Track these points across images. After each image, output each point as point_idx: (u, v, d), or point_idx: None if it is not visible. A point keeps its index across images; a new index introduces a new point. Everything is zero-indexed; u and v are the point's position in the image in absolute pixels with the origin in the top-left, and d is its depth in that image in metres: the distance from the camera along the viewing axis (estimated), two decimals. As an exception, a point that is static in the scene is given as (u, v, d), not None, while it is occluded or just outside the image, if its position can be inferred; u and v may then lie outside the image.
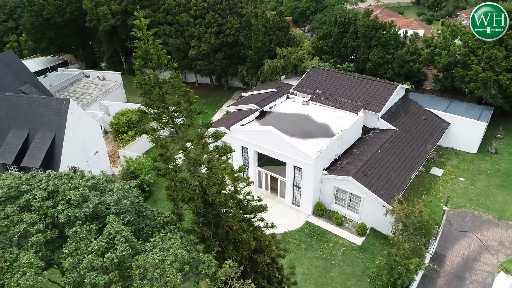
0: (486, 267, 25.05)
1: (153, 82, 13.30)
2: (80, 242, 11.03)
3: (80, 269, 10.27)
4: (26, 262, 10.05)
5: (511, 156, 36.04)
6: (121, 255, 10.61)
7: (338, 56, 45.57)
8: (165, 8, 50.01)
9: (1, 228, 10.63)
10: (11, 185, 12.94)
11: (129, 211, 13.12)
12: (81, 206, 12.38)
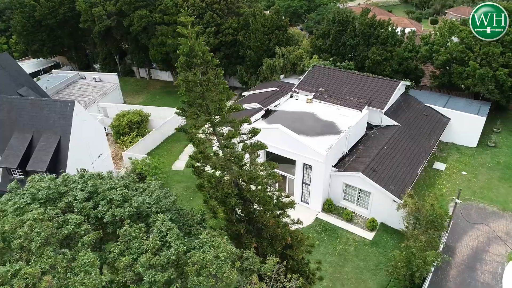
0: (495, 258, 25.71)
1: (198, 79, 13.27)
2: (133, 241, 10.96)
3: (137, 267, 10.22)
4: (87, 262, 9.95)
5: (509, 149, 37.02)
6: (177, 253, 10.61)
7: (337, 55, 46.01)
8: (162, 8, 49.71)
9: (51, 230, 10.48)
10: (50, 187, 12.77)
11: (169, 210, 13.09)
12: (123, 206, 12.30)
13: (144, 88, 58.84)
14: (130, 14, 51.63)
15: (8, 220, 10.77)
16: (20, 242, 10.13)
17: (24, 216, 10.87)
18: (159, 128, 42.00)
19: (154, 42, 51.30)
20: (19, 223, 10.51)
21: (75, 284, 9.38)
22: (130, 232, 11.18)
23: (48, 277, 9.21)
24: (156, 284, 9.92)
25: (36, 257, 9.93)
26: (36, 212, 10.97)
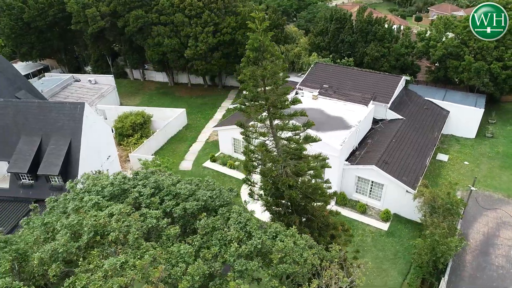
0: (506, 242, 26.89)
1: (268, 73, 13.46)
2: (215, 233, 11.10)
3: (227, 257, 10.37)
4: (184, 252, 10.03)
5: (506, 139, 38.65)
6: (261, 241, 10.83)
7: (335, 52, 46.84)
8: (158, 8, 49.33)
9: (137, 225, 10.47)
10: (113, 184, 12.73)
11: (230, 203, 13.26)
12: (188, 200, 12.39)
13: (139, 89, 58.20)
14: (125, 14, 50.97)
15: (93, 215, 10.74)
16: (116, 235, 10.12)
17: (105, 211, 10.86)
18: (163, 129, 41.73)
19: (151, 43, 50.81)
20: (108, 217, 10.52)
21: (177, 274, 9.47)
22: (209, 224, 11.33)
23: (161, 267, 9.28)
24: (247, 272, 10.14)
25: (133, 249, 9.96)
26: (120, 207, 10.98)
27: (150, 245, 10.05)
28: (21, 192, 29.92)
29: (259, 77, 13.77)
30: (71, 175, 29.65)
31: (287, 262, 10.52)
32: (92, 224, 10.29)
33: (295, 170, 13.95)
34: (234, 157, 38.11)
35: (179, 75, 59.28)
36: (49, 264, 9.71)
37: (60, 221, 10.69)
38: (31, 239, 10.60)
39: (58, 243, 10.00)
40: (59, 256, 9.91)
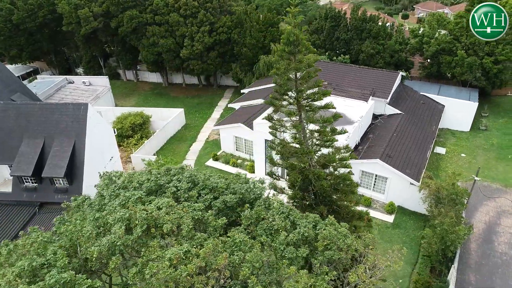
0: (507, 229, 27.86)
1: (303, 66, 13.73)
2: (261, 223, 11.33)
3: (276, 245, 10.61)
4: (240, 241, 10.23)
5: (499, 131, 39.92)
6: (306, 229, 11.12)
7: (331, 49, 47.49)
8: (153, 8, 49.09)
9: (188, 216, 10.59)
10: (150, 179, 12.82)
11: (261, 197, 13.50)
12: (224, 193, 12.60)
13: (134, 90, 57.74)
14: (118, 15, 50.54)
15: (142, 208, 10.83)
16: (170, 227, 10.24)
17: (153, 204, 10.99)
18: (163, 129, 41.59)
19: (145, 43, 50.53)
20: (156, 210, 10.63)
21: (235, 261, 9.66)
22: (253, 215, 11.56)
23: (225, 254, 9.44)
24: (297, 259, 10.41)
25: (186, 240, 10.11)
26: (167, 200, 11.12)
27: (202, 235, 10.25)
28: (25, 196, 29.47)
29: (293, 70, 14.06)
30: (76, 177, 29.41)
31: (332, 249, 10.89)
32: (144, 217, 10.39)
33: (323, 162, 14.30)
34: (236, 156, 38.29)
35: (173, 75, 59.08)
36: (107, 256, 9.81)
37: (112, 215, 10.77)
38: (84, 233, 10.62)
39: (115, 236, 10.09)
40: (117, 248, 10.01)
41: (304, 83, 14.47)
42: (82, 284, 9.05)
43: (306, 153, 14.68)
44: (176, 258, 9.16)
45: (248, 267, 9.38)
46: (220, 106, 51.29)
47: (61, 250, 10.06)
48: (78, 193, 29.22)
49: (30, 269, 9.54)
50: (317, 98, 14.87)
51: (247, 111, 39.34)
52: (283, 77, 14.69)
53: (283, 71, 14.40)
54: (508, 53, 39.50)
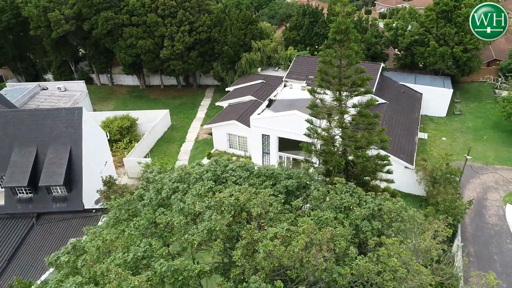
0: (494, 203, 30.24)
1: (353, 53, 14.25)
2: (334, 198, 11.88)
3: (351, 221, 11.15)
4: (326, 218, 10.63)
5: (472, 115, 42.95)
6: (374, 205, 11.77)
7: (310, 45, 48.75)
8: (129, 9, 47.99)
9: (271, 199, 10.88)
10: (210, 170, 12.97)
11: (315, 180, 14.06)
12: (280, 179, 13.04)
13: (110, 94, 56.09)
14: (92, 17, 48.95)
15: (222, 196, 11.01)
16: (260, 211, 10.44)
17: (226, 191, 11.19)
18: (151, 131, 40.92)
19: (123, 45, 49.31)
20: (229, 197, 10.87)
21: (320, 236, 10.09)
22: (320, 195, 12.05)
23: (328, 228, 9.79)
24: (372, 232, 11.04)
25: (274, 222, 10.39)
26: (240, 187, 11.36)
27: (290, 216, 10.61)
28: (19, 208, 28.08)
29: (344, 57, 14.66)
30: (75, 184, 28.41)
31: (397, 221, 11.67)
32: (231, 203, 10.56)
33: (364, 144, 15.07)
34: (229, 153, 38.48)
35: (151, 77, 57.99)
36: (207, 242, 9.91)
37: (199, 204, 10.82)
38: (177, 223, 10.61)
39: (211, 222, 10.18)
40: (214, 233, 10.11)
41: (349, 69, 15.17)
42: (190, 270, 9.14)
43: (350, 137, 15.39)
44: (281, 236, 9.49)
45: (343, 241, 9.94)
46: (203, 105, 51.11)
47: (155, 241, 10.03)
48: (78, 201, 28.32)
49: (134, 261, 9.46)
50: (362, 83, 15.61)
51: (237, 108, 39.62)
52: (333, 63, 15.27)
53: (332, 58, 14.98)
54: (475, 42, 42.53)
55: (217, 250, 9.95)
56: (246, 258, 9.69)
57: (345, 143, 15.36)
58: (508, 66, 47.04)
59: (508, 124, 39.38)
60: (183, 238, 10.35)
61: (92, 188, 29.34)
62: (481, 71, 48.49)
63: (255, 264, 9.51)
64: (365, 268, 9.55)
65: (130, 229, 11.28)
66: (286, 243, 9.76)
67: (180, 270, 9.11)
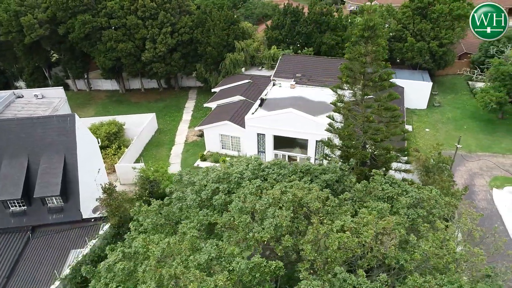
0: (481, 188, 31.97)
1: (381, 48, 14.58)
2: (375, 193, 12.22)
3: (396, 210, 11.55)
4: (380, 209, 10.89)
5: (450, 106, 45.09)
6: (417, 193, 12.28)
7: (292, 43, 49.38)
8: (107, 11, 46.68)
9: (326, 194, 11.02)
10: (249, 170, 12.98)
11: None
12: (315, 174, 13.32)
13: (89, 100, 54.34)
14: (67, 20, 47.27)
15: (275, 193, 11.08)
16: (317, 205, 10.57)
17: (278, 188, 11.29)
18: (140, 136, 40.10)
19: (102, 49, 47.93)
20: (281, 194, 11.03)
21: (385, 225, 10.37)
22: (362, 187, 12.39)
23: (393, 218, 10.04)
24: (419, 219, 11.56)
25: (332, 215, 10.58)
26: (291, 184, 11.48)
27: (348, 208, 10.86)
28: (13, 222, 26.76)
29: (370, 53, 15.04)
30: (71, 194, 27.43)
31: (436, 207, 12.23)
32: (290, 200, 10.64)
33: (388, 136, 15.61)
34: (222, 154, 38.36)
35: (130, 81, 56.66)
36: (275, 237, 9.93)
37: (259, 202, 10.81)
38: (241, 222, 10.54)
39: (276, 219, 10.20)
40: (280, 230, 10.15)
41: (375, 64, 15.61)
42: (266, 267, 9.16)
43: (376, 130, 15.87)
44: (349, 228, 9.72)
45: (402, 228, 10.33)
46: (188, 107, 50.57)
47: (221, 242, 9.95)
48: (76, 211, 27.36)
49: (207, 262, 9.34)
50: (388, 77, 16.09)
51: (227, 109, 39.56)
52: (361, 59, 15.64)
53: (361, 54, 15.35)
54: (450, 37, 44.69)
55: (287, 245, 10.07)
56: (316, 251, 9.89)
57: (370, 136, 15.87)
58: (479, 59, 49.67)
59: (484, 114, 41.66)
60: (248, 236, 10.38)
61: (87, 197, 28.45)
62: (454, 64, 50.93)
63: (327, 256, 9.74)
64: (431, 252, 10.04)
65: (192, 231, 11.12)
66: (355, 234, 10.09)
67: (257, 267, 9.16)
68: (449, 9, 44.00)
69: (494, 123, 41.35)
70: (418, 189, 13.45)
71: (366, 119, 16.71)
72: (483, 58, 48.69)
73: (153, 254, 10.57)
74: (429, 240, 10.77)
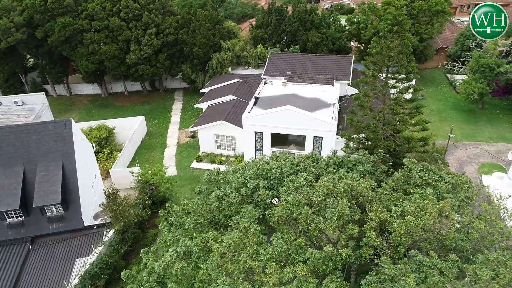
0: (471, 175, 33.46)
1: (409, 42, 14.95)
2: (414, 180, 12.66)
3: (440, 194, 12.04)
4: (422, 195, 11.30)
5: (433, 98, 46.89)
6: (453, 178, 12.85)
7: (278, 42, 49.81)
8: (89, 13, 45.41)
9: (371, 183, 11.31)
10: (286, 165, 13.07)
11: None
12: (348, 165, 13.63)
13: (71, 105, 52.64)
14: (45, 23, 45.61)
15: (326, 185, 11.24)
16: (368, 195, 10.83)
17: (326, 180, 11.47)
18: (131, 139, 39.30)
19: (84, 52, 46.55)
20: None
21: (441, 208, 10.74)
22: (401, 176, 12.79)
23: (448, 201, 10.38)
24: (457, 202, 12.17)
25: (385, 202, 10.86)
26: (338, 175, 11.72)
27: (401, 195, 11.17)
28: (10, 234, 25.64)
29: (398, 46, 15.46)
30: (72, 202, 26.60)
31: (469, 191, 12.85)
32: (344, 190, 10.84)
33: (403, 128, 16.17)
34: (217, 154, 38.21)
35: (113, 84, 55.33)
36: (339, 225, 10.08)
37: (315, 193, 10.93)
38: (303, 214, 10.64)
39: (337, 209, 10.37)
40: (342, 219, 10.30)
41: (401, 57, 16.09)
42: (338, 255, 9.30)
43: (401, 121, 16.37)
44: (410, 213, 10.04)
45: (451, 211, 10.83)
46: (176, 109, 49.98)
47: (286, 235, 10.02)
48: (78, 219, 26.57)
49: (279, 255, 9.38)
50: (413, 69, 16.60)
51: (220, 108, 39.43)
52: (390, 53, 16.05)
53: (388, 49, 15.76)
54: (430, 32, 46.49)
55: (352, 233, 10.32)
56: (379, 238, 10.20)
57: (393, 128, 16.42)
58: (455, 53, 51.94)
59: (465, 105, 43.64)
60: (310, 227, 10.53)
61: (87, 204, 27.70)
62: (433, 58, 53.01)
63: (391, 241, 10.06)
64: (486, 231, 10.59)
65: (254, 226, 11.12)
66: (418, 218, 10.52)
67: (329, 256, 9.34)
68: (428, 5, 45.76)
69: (475, 114, 43.40)
70: (452, 175, 14.16)
71: (393, 111, 17.29)
72: (460, 52, 50.95)
73: (217, 250, 10.51)
74: (481, 220, 11.43)
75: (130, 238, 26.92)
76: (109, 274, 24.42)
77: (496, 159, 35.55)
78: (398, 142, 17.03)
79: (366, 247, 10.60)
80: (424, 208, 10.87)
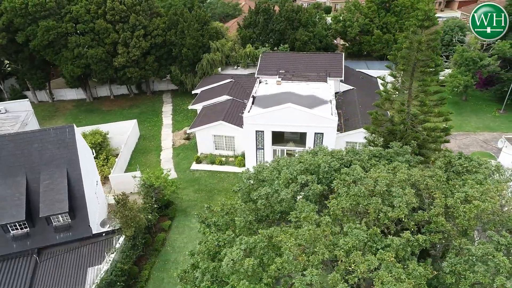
0: (464, 164, 34.98)
1: (438, 36, 15.41)
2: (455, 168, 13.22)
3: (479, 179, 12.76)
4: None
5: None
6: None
7: (266, 41, 50.13)
8: (73, 16, 44.07)
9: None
10: (334, 159, 13.30)
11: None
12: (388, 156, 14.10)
13: (55, 111, 50.87)
14: (26, 27, 43.90)
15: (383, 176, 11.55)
16: (430, 182, 11.21)
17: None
18: (127, 143, 38.52)
19: (69, 56, 45.13)
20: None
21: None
22: (442, 164, 13.35)
23: (503, 184, 10.89)
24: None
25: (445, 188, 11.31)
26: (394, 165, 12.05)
27: (453, 183, 11.68)
28: (15, 246, 24.64)
29: (429, 41, 15.95)
30: (79, 210, 25.89)
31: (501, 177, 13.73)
32: (403, 179, 11.19)
33: (428, 119, 16.79)
34: (216, 155, 38.07)
35: (98, 89, 53.92)
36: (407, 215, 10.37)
37: (379, 184, 11.16)
38: (369, 205, 10.86)
39: (405, 197, 10.67)
40: (410, 206, 10.66)
41: (430, 52, 16.64)
42: (414, 241, 9.60)
43: (428, 112, 16.95)
44: (473, 198, 10.51)
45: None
46: (166, 112, 49.32)
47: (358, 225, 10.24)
48: (86, 227, 25.88)
49: (358, 243, 9.63)
50: (440, 63, 17.18)
51: (216, 109, 39.30)
52: (421, 47, 16.54)
53: (419, 43, 16.24)
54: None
55: (420, 219, 10.71)
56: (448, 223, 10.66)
57: (421, 119, 17.04)
58: (436, 48, 53.90)
59: (450, 97, 45.39)
60: (380, 216, 10.83)
61: (92, 211, 26.99)
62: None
63: (459, 226, 10.53)
64: None
65: (326, 218, 11.30)
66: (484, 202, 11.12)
67: (407, 242, 9.74)
68: (410, 2, 47.36)
69: (460, 105, 45.33)
70: (485, 162, 15.00)
71: (421, 102, 17.92)
72: (440, 46, 52.94)
73: (291, 243, 10.60)
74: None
75: (141, 243, 26.47)
76: (124, 281, 23.94)
77: (485, 148, 37.34)
78: (425, 133, 17.82)
79: (432, 232, 11.16)
80: (484, 192, 11.50)
